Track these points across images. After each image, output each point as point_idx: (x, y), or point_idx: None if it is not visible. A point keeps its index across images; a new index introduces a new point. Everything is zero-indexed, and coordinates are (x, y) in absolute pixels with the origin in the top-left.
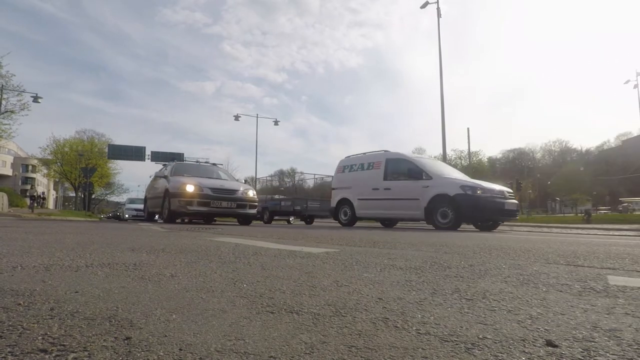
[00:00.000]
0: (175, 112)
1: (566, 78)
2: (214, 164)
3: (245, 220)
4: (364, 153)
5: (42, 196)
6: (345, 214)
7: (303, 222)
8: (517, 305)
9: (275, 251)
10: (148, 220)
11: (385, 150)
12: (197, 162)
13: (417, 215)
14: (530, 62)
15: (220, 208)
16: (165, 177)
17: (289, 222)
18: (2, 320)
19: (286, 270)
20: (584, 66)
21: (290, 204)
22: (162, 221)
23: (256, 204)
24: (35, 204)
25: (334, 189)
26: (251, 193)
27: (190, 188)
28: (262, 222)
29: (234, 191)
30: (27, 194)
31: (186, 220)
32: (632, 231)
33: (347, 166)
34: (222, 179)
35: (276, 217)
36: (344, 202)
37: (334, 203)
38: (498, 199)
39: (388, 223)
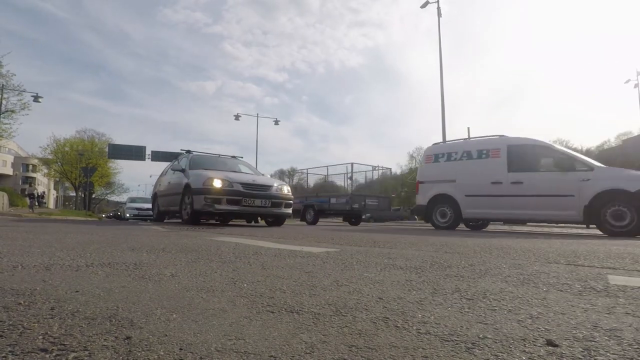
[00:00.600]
0: (176, 111)
1: (566, 77)
2: (234, 157)
3: (277, 220)
4: (465, 139)
5: (42, 195)
6: (443, 214)
7: (347, 223)
8: (517, 304)
9: (276, 251)
10: (158, 221)
11: (499, 135)
12: (218, 155)
13: (570, 216)
14: (530, 62)
15: (253, 207)
16: (182, 170)
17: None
18: (2, 319)
19: (286, 269)
20: (584, 65)
21: (346, 202)
22: (180, 221)
23: (292, 202)
24: (36, 203)
25: (421, 182)
26: (286, 189)
27: (217, 183)
28: (301, 223)
29: (268, 187)
30: (26, 192)
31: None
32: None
33: (443, 154)
34: (247, 173)
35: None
36: (442, 199)
37: (423, 200)
38: None
39: (480, 224)
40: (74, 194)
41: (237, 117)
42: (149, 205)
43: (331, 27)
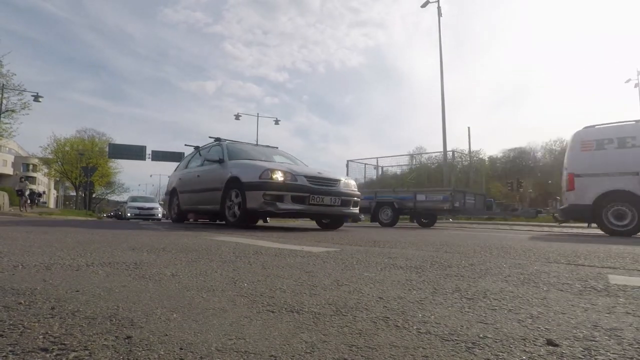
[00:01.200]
0: (176, 111)
1: (567, 77)
2: (268, 146)
3: (336, 222)
4: (636, 121)
5: (39, 194)
6: (619, 216)
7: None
8: (517, 304)
9: (276, 250)
10: (178, 221)
11: None
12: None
13: None
14: (531, 61)
15: (321, 206)
16: (218, 161)
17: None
18: (3, 319)
19: (287, 269)
20: (585, 65)
21: (443, 199)
22: (223, 223)
23: (360, 199)
24: (28, 201)
25: (577, 175)
26: (353, 184)
27: (280, 176)
28: (370, 223)
29: (336, 181)
30: (16, 188)
31: (192, 220)
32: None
33: (610, 139)
34: (297, 165)
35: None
36: (614, 196)
37: (585, 198)
38: None
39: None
40: (75, 194)
41: (237, 116)
42: (151, 205)
43: (332, 27)
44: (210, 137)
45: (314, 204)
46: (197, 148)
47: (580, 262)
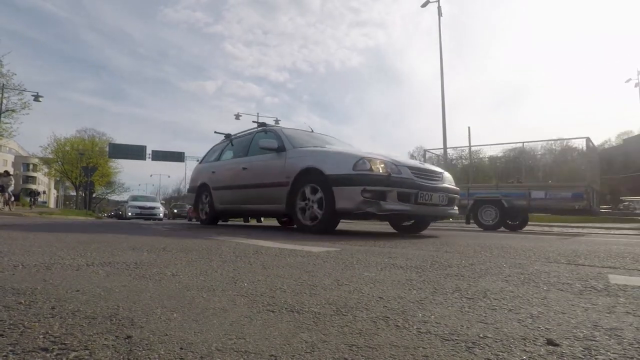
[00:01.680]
0: (176, 111)
1: (567, 77)
2: (319, 134)
3: (423, 223)
4: None
5: (37, 192)
6: None
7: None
8: (517, 304)
9: (276, 250)
10: (210, 224)
11: None
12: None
13: None
14: (531, 61)
15: (429, 205)
16: (277, 149)
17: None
18: (3, 319)
19: (287, 269)
20: (585, 65)
21: (573, 196)
22: (294, 227)
23: (459, 196)
24: (12, 198)
25: None
26: (451, 178)
27: (381, 167)
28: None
29: (440, 174)
30: None
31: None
32: (633, 230)
33: None
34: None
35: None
36: None
37: None
38: None
39: None
40: (75, 194)
41: (237, 116)
42: (152, 204)
43: (332, 27)
44: (253, 122)
45: (422, 202)
46: (228, 136)
47: (580, 262)
